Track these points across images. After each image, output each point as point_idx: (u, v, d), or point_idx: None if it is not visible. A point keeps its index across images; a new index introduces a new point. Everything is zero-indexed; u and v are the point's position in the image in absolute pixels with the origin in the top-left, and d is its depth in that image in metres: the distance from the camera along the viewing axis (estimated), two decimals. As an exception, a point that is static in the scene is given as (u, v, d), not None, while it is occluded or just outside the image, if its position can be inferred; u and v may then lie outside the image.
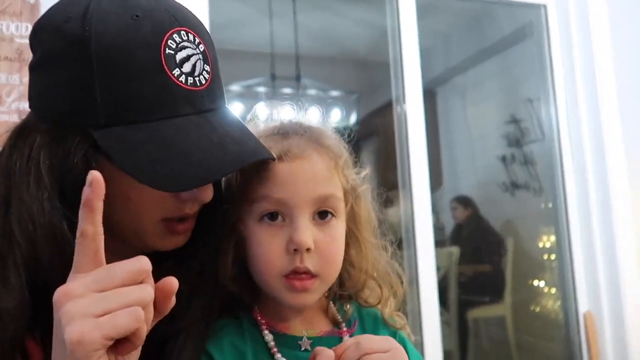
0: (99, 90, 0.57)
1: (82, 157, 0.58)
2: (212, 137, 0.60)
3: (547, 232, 3.12)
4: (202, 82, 0.62)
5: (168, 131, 0.58)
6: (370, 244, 0.73)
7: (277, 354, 0.67)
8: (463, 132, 4.35)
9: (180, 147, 0.58)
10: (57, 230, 0.58)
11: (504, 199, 3.81)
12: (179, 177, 0.57)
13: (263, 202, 0.66)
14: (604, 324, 2.16)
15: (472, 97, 4.25)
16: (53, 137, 0.59)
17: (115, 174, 0.59)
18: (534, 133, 3.31)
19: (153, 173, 0.56)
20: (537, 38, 2.46)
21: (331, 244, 0.67)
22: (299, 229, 0.64)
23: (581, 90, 2.26)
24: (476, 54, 3.93)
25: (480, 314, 3.63)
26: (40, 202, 0.58)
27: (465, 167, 4.32)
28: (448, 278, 3.41)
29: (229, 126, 0.63)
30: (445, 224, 3.97)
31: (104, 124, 0.57)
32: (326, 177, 0.67)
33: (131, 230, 0.64)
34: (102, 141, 0.57)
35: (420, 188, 2.04)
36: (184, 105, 0.60)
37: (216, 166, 0.58)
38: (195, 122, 0.60)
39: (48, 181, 0.58)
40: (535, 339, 3.34)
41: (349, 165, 0.73)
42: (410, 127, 2.07)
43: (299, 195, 0.65)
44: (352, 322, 0.74)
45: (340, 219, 0.69)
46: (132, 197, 0.61)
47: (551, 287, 3.13)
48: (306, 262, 0.65)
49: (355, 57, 4.37)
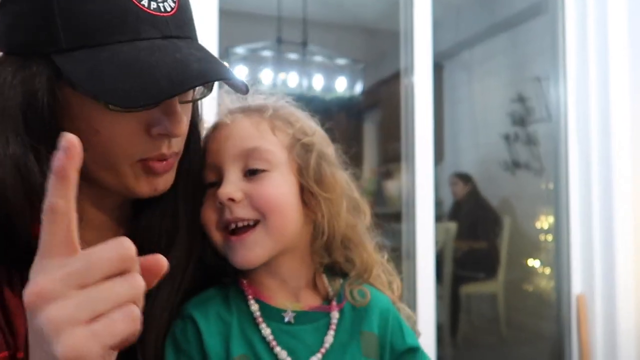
0: (58, 14, 0.55)
1: (45, 85, 0.57)
2: (176, 56, 0.58)
3: (545, 212, 3.13)
4: (167, 9, 0.60)
5: (131, 52, 0.56)
6: (328, 200, 0.70)
7: (262, 323, 0.67)
8: (467, 108, 4.31)
9: (143, 64, 0.56)
10: (21, 162, 0.57)
11: (505, 177, 3.81)
12: (139, 92, 0.55)
13: (204, 171, 0.71)
14: (596, 307, 2.18)
15: (480, 72, 4.20)
16: (17, 67, 0.58)
17: (80, 104, 0.58)
18: (539, 112, 3.28)
19: (114, 91, 0.54)
20: (552, 15, 2.40)
21: (264, 190, 0.67)
22: (222, 184, 0.67)
23: (593, 71, 2.22)
24: (487, 29, 3.86)
25: (473, 290, 3.67)
26: (4, 133, 0.57)
27: (467, 144, 4.30)
28: (444, 253, 3.43)
29: (196, 50, 0.61)
30: (444, 199, 3.98)
31: (66, 48, 0.56)
32: (250, 133, 0.69)
33: (106, 170, 0.62)
34: (64, 66, 0.56)
35: (423, 162, 2.02)
36: (148, 28, 0.58)
37: (179, 80, 0.56)
38: (160, 44, 0.58)
39: (13, 112, 0.57)
40: (526, 317, 3.39)
41: (291, 122, 0.72)
42: (417, 99, 2.04)
43: (224, 154, 0.68)
44: (343, 296, 0.72)
45: (276, 170, 0.68)
46: (100, 130, 0.59)
47: (546, 267, 3.16)
48: (235, 212, 0.66)
49: (364, 25, 4.29)
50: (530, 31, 3.35)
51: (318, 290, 0.73)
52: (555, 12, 2.36)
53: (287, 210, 0.68)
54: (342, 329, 0.69)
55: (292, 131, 0.71)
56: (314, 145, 0.71)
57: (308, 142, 0.71)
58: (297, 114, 0.74)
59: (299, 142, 0.71)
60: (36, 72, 0.57)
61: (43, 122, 0.57)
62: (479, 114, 4.24)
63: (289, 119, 0.72)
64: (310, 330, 0.68)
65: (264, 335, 0.66)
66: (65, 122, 0.59)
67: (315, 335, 0.68)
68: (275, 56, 3.79)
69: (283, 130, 0.71)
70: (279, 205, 0.67)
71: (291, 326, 0.68)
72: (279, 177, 0.68)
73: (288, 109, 0.74)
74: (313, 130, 0.73)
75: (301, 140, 0.71)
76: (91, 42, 0.56)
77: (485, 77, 4.14)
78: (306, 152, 0.71)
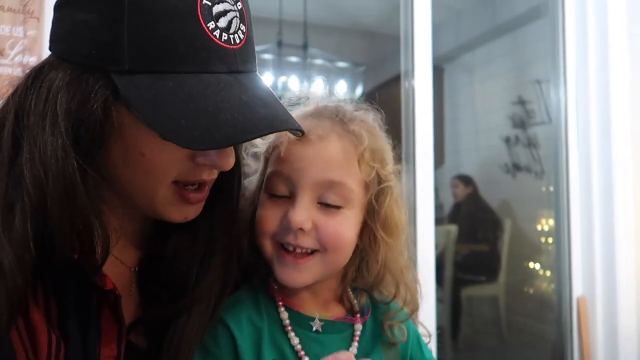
0: (127, 33, 0.53)
1: (102, 103, 0.54)
2: (242, 98, 0.56)
3: (546, 215, 3.13)
4: (236, 41, 0.58)
5: (197, 86, 0.54)
6: (388, 245, 0.70)
7: (290, 332, 0.67)
8: (468, 111, 4.32)
9: (208, 103, 0.53)
10: (69, 181, 0.54)
11: (505, 180, 3.81)
12: (203, 135, 0.52)
13: (274, 178, 0.67)
14: (597, 310, 2.18)
15: (480, 75, 4.20)
16: (73, 79, 0.55)
17: (131, 125, 0.56)
18: (539, 115, 3.28)
19: (175, 127, 0.52)
20: (552, 18, 2.41)
21: (332, 227, 0.65)
22: (295, 206, 0.64)
23: (593, 74, 2.22)
24: (487, 32, 3.86)
25: (474, 293, 3.67)
26: (54, 148, 0.53)
27: (468, 146, 4.30)
28: (444, 256, 3.43)
29: (259, 90, 0.59)
30: (444, 202, 3.98)
31: (128, 70, 0.53)
32: (340, 163, 0.65)
33: (141, 191, 0.60)
34: (125, 88, 0.53)
35: (423, 165, 2.03)
36: (216, 62, 0.56)
37: (245, 127, 0.54)
38: (226, 80, 0.56)
39: (64, 127, 0.54)
40: (527, 319, 3.39)
41: (378, 157, 0.69)
42: (418, 102, 2.05)
43: (307, 175, 0.64)
44: (366, 311, 0.73)
45: (350, 209, 0.67)
46: (146, 153, 0.57)
47: (546, 270, 3.15)
48: (300, 241, 0.64)
49: (364, 29, 4.30)
50: (531, 34, 3.35)
51: (344, 302, 0.74)
52: (556, 15, 2.37)
53: (348, 249, 0.68)
54: (364, 339, 0.70)
55: (376, 166, 0.68)
56: (391, 189, 0.70)
57: (387, 186, 0.69)
58: (383, 145, 0.71)
59: (378, 182, 0.69)
60: (92, 88, 0.54)
61: (92, 140, 0.55)
62: (479, 116, 4.24)
63: (376, 152, 0.68)
64: (337, 340, 0.69)
65: (292, 344, 0.67)
66: (112, 140, 0.57)
67: (340, 345, 0.68)
68: (276, 59, 3.80)
69: (368, 165, 0.68)
70: (343, 245, 0.67)
71: (319, 334, 0.68)
72: (352, 218, 0.67)
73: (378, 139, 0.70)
74: (392, 166, 0.71)
75: (381, 181, 0.69)
76: (156, 68, 0.54)
77: (486, 80, 4.15)
78: (382, 195, 0.69)
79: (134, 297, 0.68)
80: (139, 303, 0.68)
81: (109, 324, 0.61)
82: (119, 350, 0.62)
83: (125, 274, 0.68)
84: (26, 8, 1.38)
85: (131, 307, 0.67)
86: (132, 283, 0.69)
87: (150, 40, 0.53)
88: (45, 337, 0.56)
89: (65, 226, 0.55)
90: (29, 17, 1.38)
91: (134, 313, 0.67)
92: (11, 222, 0.53)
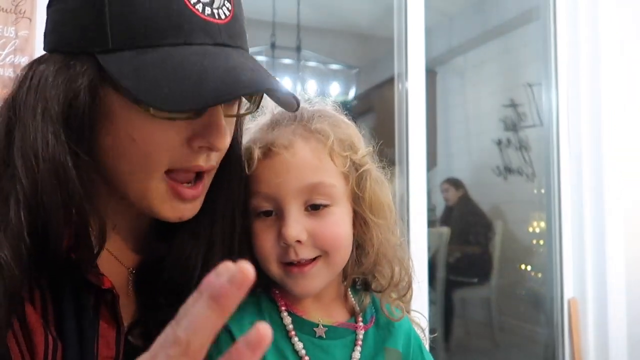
0: (108, 11, 0.53)
1: (87, 85, 0.54)
2: (228, 64, 0.55)
3: (537, 217, 3.15)
4: (221, 16, 0.57)
5: (180, 55, 0.53)
6: (379, 225, 0.70)
7: (294, 337, 0.66)
8: (460, 114, 4.34)
9: (192, 68, 0.53)
10: (60, 166, 0.54)
11: (497, 182, 3.83)
12: (185, 96, 0.51)
13: (255, 199, 0.66)
14: (588, 311, 2.19)
15: (472, 78, 4.23)
16: (61, 67, 0.55)
17: (121, 109, 0.55)
18: (531, 118, 3.30)
19: (156, 91, 0.51)
20: (543, 21, 2.43)
21: (328, 229, 0.65)
22: (286, 223, 0.63)
23: (584, 77, 2.24)
24: (479, 36, 3.89)
25: (466, 295, 3.68)
26: (44, 134, 0.54)
27: (459, 149, 4.32)
28: (437, 258, 3.44)
29: (247, 60, 0.58)
30: (437, 205, 3.99)
31: (113, 48, 0.53)
32: (313, 165, 0.64)
33: (134, 183, 0.59)
34: (108, 65, 0.53)
35: (416, 168, 2.03)
36: (200, 34, 0.55)
37: (230, 87, 0.53)
38: (211, 50, 0.55)
39: (54, 112, 0.54)
40: (519, 321, 3.41)
41: (347, 145, 0.68)
42: (411, 105, 2.05)
43: (285, 188, 0.64)
44: (369, 317, 0.72)
45: (338, 204, 0.66)
46: (137, 138, 0.56)
47: (538, 272, 3.17)
48: (301, 254, 0.64)
49: (358, 31, 4.31)
50: (522, 38, 3.38)
51: (347, 303, 0.73)
52: (547, 19, 2.39)
53: (347, 245, 0.68)
54: (367, 344, 0.70)
55: (348, 154, 0.67)
56: (369, 172, 0.69)
57: (364, 170, 0.69)
58: (349, 132, 0.70)
59: (355, 169, 0.68)
60: (79, 71, 0.54)
61: (82, 124, 0.55)
62: (471, 119, 4.26)
63: (344, 142, 0.68)
64: (340, 346, 0.68)
65: (296, 349, 0.66)
66: (103, 126, 0.56)
67: (343, 350, 0.68)
68: (269, 61, 3.80)
69: (340, 156, 0.67)
70: (341, 244, 0.67)
71: (322, 340, 0.67)
72: (341, 213, 0.67)
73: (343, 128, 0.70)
74: (364, 150, 0.71)
75: (357, 167, 0.68)
76: (140, 43, 0.53)
77: (478, 83, 4.17)
78: (361, 180, 0.69)
79: (132, 299, 0.67)
80: (136, 304, 0.67)
81: (106, 324, 0.61)
82: (118, 350, 0.61)
83: (123, 274, 0.67)
84: (18, 8, 1.38)
85: (130, 308, 0.66)
86: (129, 284, 0.68)
87: (131, 17, 0.53)
88: (41, 338, 0.55)
89: (58, 214, 0.54)
90: (21, 17, 1.37)
91: (133, 314, 0.66)
92: (6, 215, 0.52)
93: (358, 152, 0.69)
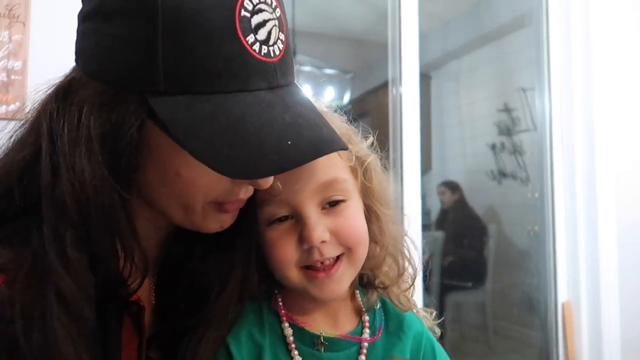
0: (161, 52, 0.49)
1: (135, 121, 0.51)
2: (285, 119, 0.53)
3: (531, 221, 3.16)
4: (276, 52, 0.54)
5: (236, 108, 0.51)
6: (387, 216, 0.70)
7: (294, 350, 0.65)
8: (454, 118, 4.35)
9: (251, 128, 0.50)
10: (108, 207, 0.52)
11: (491, 186, 3.84)
12: (249, 164, 0.49)
13: (268, 206, 0.64)
14: (582, 315, 2.20)
15: (466, 83, 4.24)
16: (105, 102, 0.52)
17: (168, 144, 0.53)
18: (525, 123, 3.32)
19: (219, 156, 0.49)
20: (536, 27, 2.45)
21: (348, 224, 0.64)
22: (308, 225, 0.62)
23: (577, 82, 2.26)
24: (473, 41, 3.91)
25: (460, 299, 3.68)
26: (92, 177, 0.51)
27: (454, 153, 4.33)
28: (431, 262, 3.44)
29: (301, 106, 0.56)
30: (432, 209, 3.99)
31: (164, 91, 0.50)
32: (322, 163, 0.63)
33: (177, 205, 0.58)
34: (161, 111, 0.50)
35: (411, 172, 2.04)
36: (255, 79, 0.52)
37: (291, 155, 0.51)
38: (267, 99, 0.53)
39: (99, 153, 0.51)
40: (513, 325, 3.41)
41: (350, 139, 0.69)
42: (405, 109, 2.06)
43: (300, 190, 0.63)
44: (377, 328, 0.71)
45: (352, 198, 0.66)
46: (183, 173, 0.54)
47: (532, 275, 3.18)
48: (325, 253, 0.63)
49: (352, 36, 4.32)
50: (516, 43, 3.39)
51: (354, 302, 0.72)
52: (540, 24, 2.41)
53: (367, 239, 0.67)
54: (372, 353, 0.68)
55: (352, 149, 0.67)
56: (373, 164, 0.70)
57: (369, 162, 0.69)
58: (346, 127, 0.70)
59: (360, 162, 0.68)
60: (127, 109, 0.51)
61: (127, 162, 0.53)
62: (465, 123, 4.28)
63: (344, 136, 0.66)
64: (343, 358, 0.67)
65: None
66: (146, 161, 0.54)
67: None
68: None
69: (349, 151, 0.67)
70: (363, 237, 0.66)
71: (323, 353, 0.66)
72: (356, 206, 0.67)
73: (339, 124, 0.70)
74: (363, 144, 0.71)
75: (361, 160, 0.68)
76: (193, 88, 0.50)
77: (472, 87, 4.19)
78: (367, 172, 0.69)
79: (153, 307, 0.66)
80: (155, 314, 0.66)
81: (129, 335, 0.60)
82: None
83: (146, 283, 0.65)
84: (11, 12, 1.37)
85: (150, 318, 0.65)
86: (151, 292, 0.67)
87: (187, 61, 0.50)
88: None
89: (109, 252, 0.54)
90: (15, 21, 1.37)
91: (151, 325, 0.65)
92: (63, 252, 0.51)
93: (358, 145, 0.70)
